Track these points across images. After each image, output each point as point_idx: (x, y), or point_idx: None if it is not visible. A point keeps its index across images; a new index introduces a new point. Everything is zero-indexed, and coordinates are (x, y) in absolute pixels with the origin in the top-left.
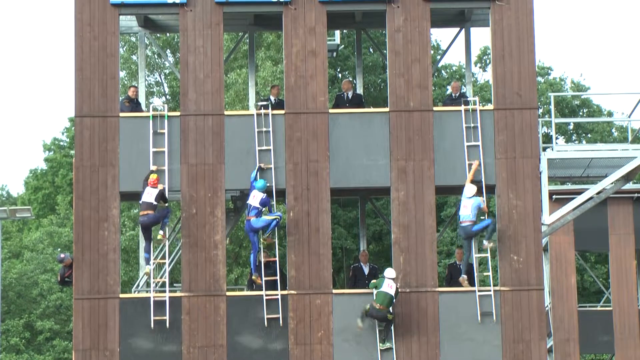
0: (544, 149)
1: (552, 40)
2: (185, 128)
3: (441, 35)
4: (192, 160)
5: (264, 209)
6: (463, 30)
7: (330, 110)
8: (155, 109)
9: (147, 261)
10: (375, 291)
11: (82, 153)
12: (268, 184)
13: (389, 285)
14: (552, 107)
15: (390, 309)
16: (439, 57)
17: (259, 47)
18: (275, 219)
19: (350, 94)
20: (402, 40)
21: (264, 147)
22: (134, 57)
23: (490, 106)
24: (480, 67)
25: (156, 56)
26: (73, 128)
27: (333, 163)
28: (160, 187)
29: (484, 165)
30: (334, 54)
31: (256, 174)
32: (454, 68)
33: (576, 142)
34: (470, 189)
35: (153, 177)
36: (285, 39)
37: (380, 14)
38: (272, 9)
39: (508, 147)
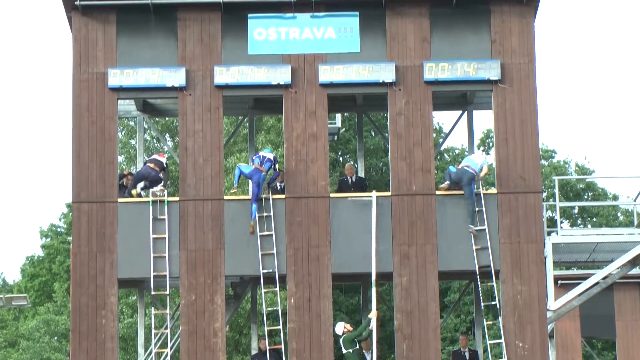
0: (549, 233)
1: (555, 122)
2: (184, 213)
3: (443, 118)
4: (192, 246)
5: (275, 165)
6: (465, 113)
7: (331, 195)
8: (154, 195)
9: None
10: (345, 352)
11: (80, 239)
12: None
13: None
14: (556, 190)
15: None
16: (441, 140)
17: (259, 131)
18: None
19: (353, 178)
20: (404, 123)
21: (265, 232)
22: (133, 142)
23: (493, 190)
24: (483, 150)
25: (155, 140)
26: (70, 214)
27: (334, 248)
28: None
29: (491, 250)
30: (335, 137)
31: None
32: (456, 151)
33: (581, 226)
34: (479, 156)
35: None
36: (285, 122)
37: (381, 96)
38: (272, 92)
39: (512, 231)
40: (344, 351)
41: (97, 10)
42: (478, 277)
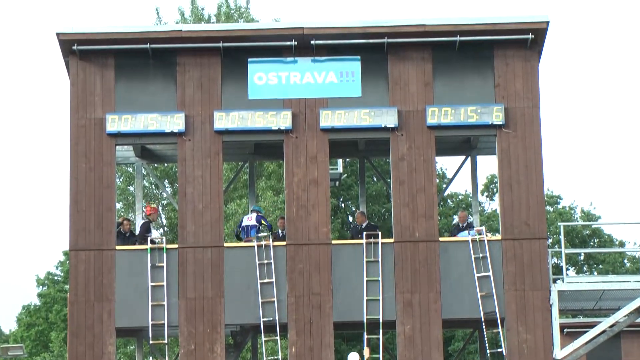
0: (555, 281)
1: (561, 168)
2: (184, 261)
3: (447, 163)
4: (191, 294)
5: (260, 226)
6: (469, 158)
7: (333, 242)
8: (153, 242)
9: None
10: None
11: (77, 287)
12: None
13: None
14: (562, 237)
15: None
16: (444, 185)
17: (260, 177)
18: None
19: (364, 224)
20: (407, 169)
21: (266, 280)
22: (131, 188)
23: (498, 236)
24: (487, 196)
25: (154, 187)
26: (68, 262)
27: (336, 296)
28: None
29: (496, 298)
30: (337, 183)
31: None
32: (460, 197)
33: (587, 273)
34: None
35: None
36: (286, 168)
37: (384, 142)
38: (272, 138)
39: (517, 278)
40: None
41: (95, 54)
42: (483, 324)
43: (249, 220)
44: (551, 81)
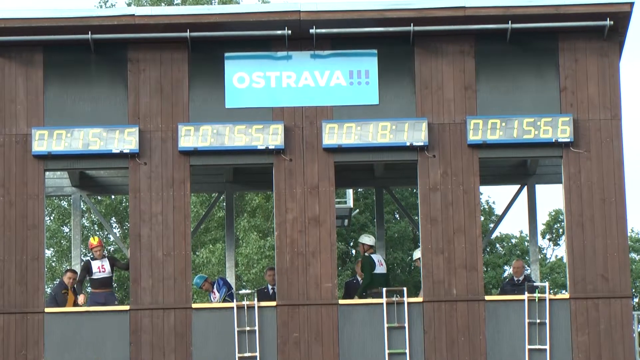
0: None
1: None
2: (137, 328)
3: (495, 195)
4: None
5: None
6: (525, 187)
7: (340, 302)
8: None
9: None
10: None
11: None
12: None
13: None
14: None
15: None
16: (492, 225)
17: (241, 214)
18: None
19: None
20: (441, 203)
21: (247, 354)
22: (66, 229)
23: (564, 294)
24: (549, 239)
25: (96, 227)
26: None
27: None
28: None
29: None
30: (346, 221)
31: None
32: (513, 240)
33: None
34: None
35: (93, 241)
36: (276, 201)
37: (409, 166)
38: (258, 161)
39: (591, 351)
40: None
41: (18, 48)
42: None
43: (214, 297)
44: (636, 84)
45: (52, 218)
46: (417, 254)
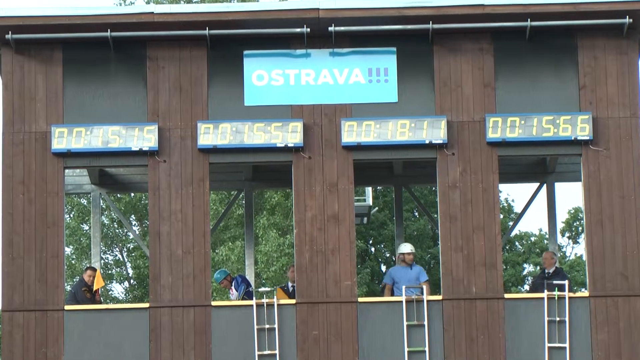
0: None
1: None
2: (156, 326)
3: (514, 193)
4: None
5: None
6: (545, 185)
7: (360, 299)
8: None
9: None
10: None
11: (12, 359)
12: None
13: None
14: None
15: None
16: (511, 223)
17: (260, 211)
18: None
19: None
20: (460, 201)
21: (266, 352)
22: (85, 227)
23: (584, 292)
24: (569, 237)
25: (116, 224)
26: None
27: None
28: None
29: None
30: (365, 219)
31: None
32: (532, 238)
33: None
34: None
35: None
36: (296, 199)
37: (428, 163)
38: (277, 158)
39: (611, 349)
40: None
41: (37, 46)
42: None
43: (232, 295)
44: None
45: (71, 216)
46: (404, 247)
